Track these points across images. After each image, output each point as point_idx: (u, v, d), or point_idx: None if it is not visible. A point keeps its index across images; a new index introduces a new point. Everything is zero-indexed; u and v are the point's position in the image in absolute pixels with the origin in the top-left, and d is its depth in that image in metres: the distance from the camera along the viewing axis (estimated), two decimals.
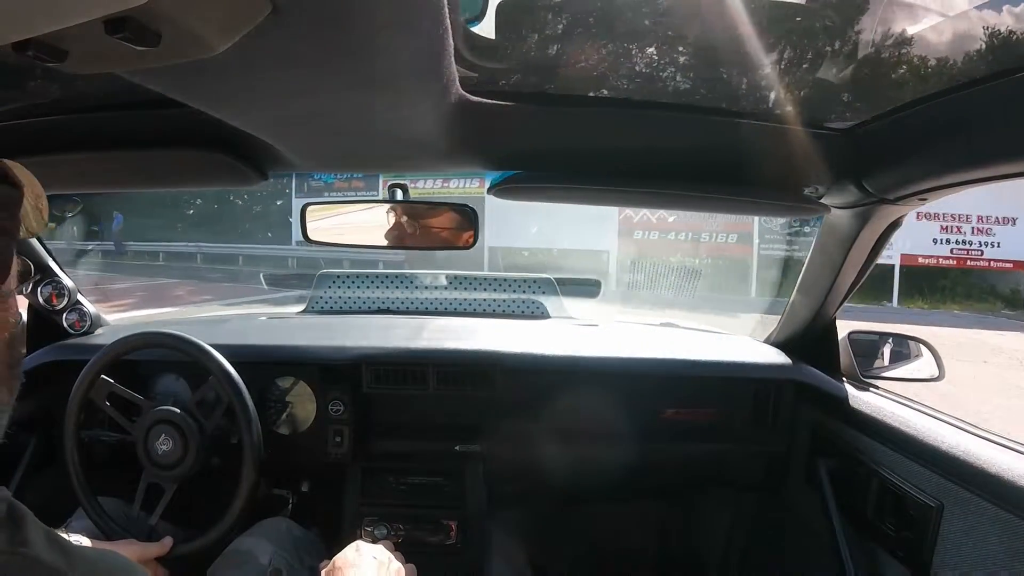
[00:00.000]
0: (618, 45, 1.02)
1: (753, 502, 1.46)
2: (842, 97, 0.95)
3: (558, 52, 1.00)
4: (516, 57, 0.95)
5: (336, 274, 1.78)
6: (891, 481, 0.96)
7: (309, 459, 1.31)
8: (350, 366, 1.27)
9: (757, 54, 0.97)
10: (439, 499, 1.29)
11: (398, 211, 0.95)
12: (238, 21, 0.38)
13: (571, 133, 0.84)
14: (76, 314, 1.32)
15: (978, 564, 0.79)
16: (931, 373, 1.27)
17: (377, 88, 0.55)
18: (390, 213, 0.95)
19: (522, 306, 1.75)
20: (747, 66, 0.95)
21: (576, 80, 1.01)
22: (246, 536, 1.03)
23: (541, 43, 0.99)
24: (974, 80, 0.67)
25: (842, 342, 1.27)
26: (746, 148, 0.88)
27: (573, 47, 1.01)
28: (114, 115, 0.82)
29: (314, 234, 0.98)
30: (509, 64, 0.94)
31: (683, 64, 0.99)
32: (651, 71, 0.98)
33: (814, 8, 0.93)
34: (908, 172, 0.84)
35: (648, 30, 0.96)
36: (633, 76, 0.97)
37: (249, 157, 0.87)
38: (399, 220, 0.95)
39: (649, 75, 0.98)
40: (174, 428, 1.08)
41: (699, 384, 1.31)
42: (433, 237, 0.97)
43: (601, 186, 0.93)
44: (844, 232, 1.06)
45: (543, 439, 1.32)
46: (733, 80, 0.97)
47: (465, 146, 0.83)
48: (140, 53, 0.37)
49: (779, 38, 0.98)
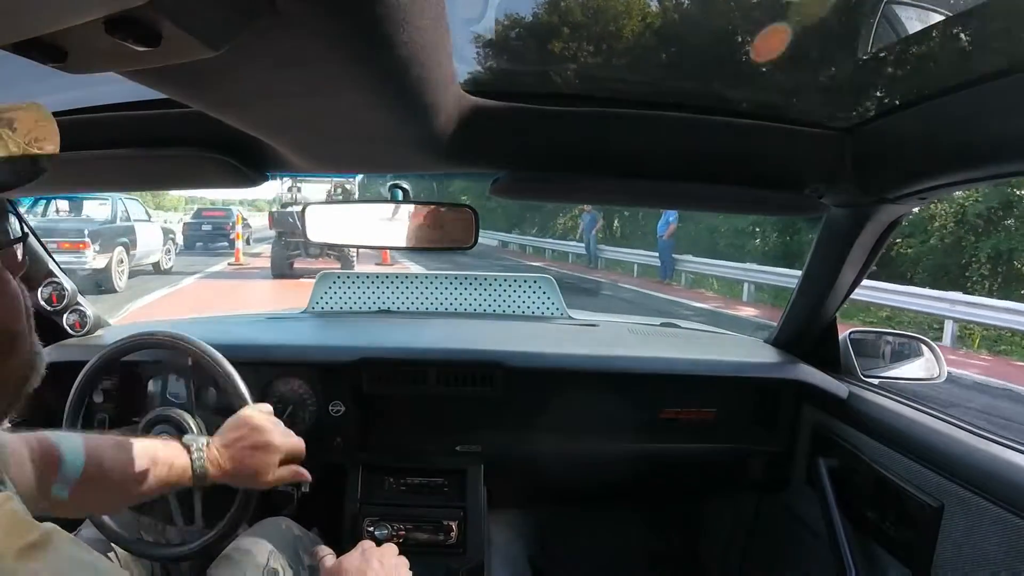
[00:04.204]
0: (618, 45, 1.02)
1: (753, 502, 1.46)
2: (842, 97, 0.95)
3: (558, 52, 1.01)
4: (516, 57, 0.95)
5: (336, 274, 1.78)
6: (892, 481, 0.96)
7: (309, 459, 1.31)
8: (350, 366, 1.27)
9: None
10: (439, 499, 1.29)
11: (399, 211, 0.96)
12: (238, 21, 0.38)
13: (571, 132, 0.84)
14: (76, 315, 1.32)
15: (979, 564, 0.79)
16: (932, 372, 1.27)
17: (377, 88, 0.55)
18: (391, 213, 0.95)
19: (522, 306, 1.75)
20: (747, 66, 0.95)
21: (575, 79, 1.01)
22: (245, 536, 1.03)
23: (541, 43, 0.99)
24: (974, 80, 0.67)
25: (843, 341, 1.27)
26: (746, 147, 0.88)
27: (573, 47, 1.01)
28: (114, 115, 0.82)
29: (315, 234, 0.98)
30: (509, 64, 0.94)
31: (683, 64, 0.99)
32: (651, 71, 0.98)
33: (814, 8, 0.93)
34: (908, 171, 0.84)
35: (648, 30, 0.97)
36: (633, 76, 0.97)
37: (249, 157, 0.87)
38: (400, 220, 0.95)
39: (649, 75, 0.98)
40: (174, 428, 1.08)
41: (699, 384, 1.31)
42: (434, 237, 0.97)
43: (601, 186, 0.93)
44: (844, 231, 1.06)
45: (543, 439, 1.32)
46: (733, 79, 0.97)
47: (465, 146, 0.83)
48: (140, 53, 0.37)
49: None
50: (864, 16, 0.84)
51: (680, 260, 11.15)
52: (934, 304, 6.85)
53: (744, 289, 9.75)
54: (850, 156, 0.87)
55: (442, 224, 0.96)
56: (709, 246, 12.39)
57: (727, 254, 11.60)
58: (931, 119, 0.74)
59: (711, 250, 11.97)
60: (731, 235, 12.84)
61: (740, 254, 11.57)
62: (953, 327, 6.78)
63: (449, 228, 0.95)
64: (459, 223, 0.95)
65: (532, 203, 11.17)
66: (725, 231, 12.92)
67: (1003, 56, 0.77)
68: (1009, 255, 8.26)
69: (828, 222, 1.10)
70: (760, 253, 11.69)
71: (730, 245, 12.49)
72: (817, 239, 1.15)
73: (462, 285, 1.76)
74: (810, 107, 0.97)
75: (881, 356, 1.33)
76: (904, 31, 0.80)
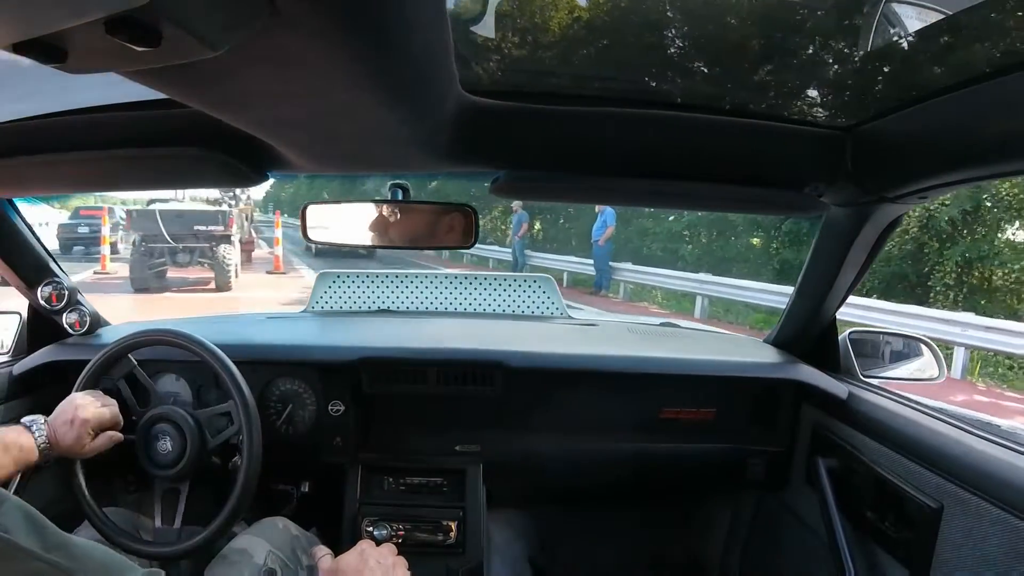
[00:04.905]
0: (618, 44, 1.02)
1: (753, 502, 1.46)
2: (842, 97, 0.95)
3: (557, 52, 1.01)
4: (516, 57, 0.95)
5: (336, 274, 1.78)
6: (891, 481, 0.96)
7: (309, 459, 1.31)
8: (350, 366, 1.27)
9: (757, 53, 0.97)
10: (439, 499, 1.29)
11: (398, 211, 0.96)
12: (238, 21, 0.38)
13: (571, 132, 0.84)
14: (76, 314, 1.32)
15: (978, 565, 0.79)
16: (931, 373, 1.27)
17: (377, 88, 0.55)
18: (391, 213, 0.95)
19: (522, 306, 1.75)
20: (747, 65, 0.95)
21: (576, 79, 1.01)
22: (243, 535, 1.03)
23: (541, 43, 0.99)
24: (974, 79, 0.67)
25: (842, 342, 1.27)
26: (746, 146, 0.88)
27: (572, 46, 1.01)
28: (114, 115, 0.82)
29: (315, 234, 0.98)
30: (509, 64, 0.94)
31: (683, 63, 0.99)
32: (651, 70, 0.98)
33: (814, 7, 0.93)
34: (908, 171, 0.84)
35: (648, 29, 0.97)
36: (633, 75, 0.97)
37: (249, 157, 0.87)
38: (400, 219, 0.96)
39: (649, 74, 0.98)
40: (174, 428, 1.08)
41: (699, 384, 1.31)
42: (433, 237, 0.97)
43: (601, 185, 0.93)
44: (844, 231, 1.06)
45: (543, 439, 1.32)
46: (733, 79, 0.98)
47: (465, 146, 0.83)
48: (140, 53, 0.37)
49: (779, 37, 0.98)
50: (864, 16, 0.84)
51: (618, 268, 9.79)
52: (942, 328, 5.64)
53: (697, 303, 8.47)
54: (850, 156, 0.87)
55: (442, 224, 0.96)
56: (638, 251, 11.43)
57: (661, 260, 10.68)
58: (931, 119, 0.74)
59: (642, 256, 11.01)
60: (665, 238, 11.77)
61: (673, 259, 10.84)
62: (965, 356, 5.66)
63: (449, 228, 0.95)
64: (459, 223, 0.95)
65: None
66: (659, 233, 11.88)
67: (1003, 56, 0.77)
68: (980, 263, 7.44)
69: (828, 221, 1.10)
70: (694, 259, 10.88)
71: (664, 250, 11.57)
72: (817, 239, 1.15)
73: (462, 285, 1.76)
74: (810, 107, 0.97)
75: (881, 356, 1.33)
76: (904, 30, 0.80)
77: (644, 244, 11.93)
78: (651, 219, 11.97)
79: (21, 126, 0.83)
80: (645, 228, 12.11)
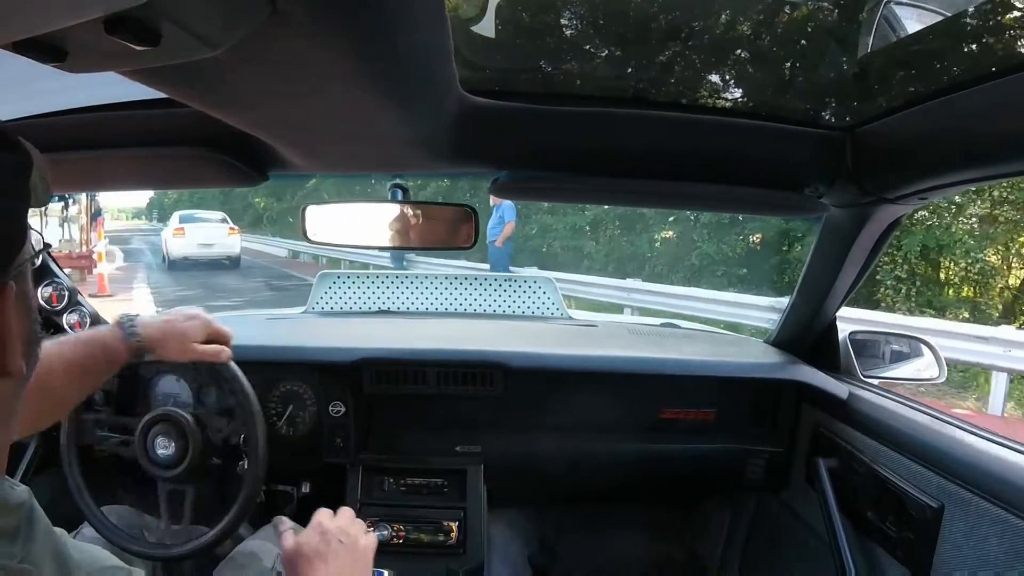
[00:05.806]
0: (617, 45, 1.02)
1: (753, 502, 1.46)
2: (842, 97, 0.95)
3: (558, 52, 1.01)
4: (516, 57, 0.95)
5: (336, 274, 1.79)
6: (892, 481, 0.96)
7: (310, 460, 1.31)
8: (350, 367, 1.27)
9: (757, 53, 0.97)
10: (439, 499, 1.29)
11: (398, 211, 0.96)
12: (238, 21, 0.38)
13: (571, 132, 0.84)
14: (76, 314, 1.32)
15: (979, 565, 0.79)
16: (932, 373, 1.27)
17: (377, 88, 0.55)
18: (391, 213, 0.95)
19: (522, 306, 1.75)
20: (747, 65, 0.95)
21: (576, 79, 1.01)
22: (252, 538, 1.03)
23: (541, 43, 0.99)
24: (974, 80, 0.67)
25: (842, 342, 1.27)
26: (746, 147, 0.88)
27: (572, 47, 1.01)
28: (114, 115, 0.82)
29: (315, 235, 0.98)
30: (509, 64, 0.94)
31: (683, 63, 0.99)
32: (650, 71, 0.98)
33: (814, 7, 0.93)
34: (908, 171, 0.84)
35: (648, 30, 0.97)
36: (633, 75, 0.97)
37: (249, 157, 0.87)
38: (399, 220, 0.96)
39: (648, 74, 0.98)
40: (174, 428, 1.08)
41: (699, 384, 1.31)
42: (433, 237, 0.97)
43: (601, 185, 0.93)
44: (844, 231, 1.06)
45: (543, 439, 1.32)
46: (733, 79, 0.98)
47: (465, 146, 0.84)
48: (140, 53, 0.37)
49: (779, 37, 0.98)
50: (864, 16, 0.85)
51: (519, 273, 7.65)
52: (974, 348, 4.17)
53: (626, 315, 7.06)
54: (850, 157, 0.87)
55: (442, 224, 0.96)
56: (538, 250, 10.05)
57: (564, 261, 9.41)
58: (931, 119, 0.74)
59: (542, 256, 9.69)
60: (567, 235, 10.17)
61: (578, 259, 9.52)
62: (1005, 382, 4.13)
63: (449, 228, 0.95)
64: (459, 223, 0.95)
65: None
66: (560, 230, 10.29)
67: (1003, 56, 0.77)
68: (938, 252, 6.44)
69: (828, 222, 1.10)
70: (600, 257, 9.63)
71: (566, 248, 10.10)
72: (817, 239, 1.15)
73: (462, 285, 1.76)
74: (810, 107, 0.97)
75: (881, 356, 1.33)
76: (904, 31, 0.80)
77: (545, 242, 10.40)
78: (551, 214, 10.42)
79: (21, 126, 0.83)
80: (546, 224, 10.52)
